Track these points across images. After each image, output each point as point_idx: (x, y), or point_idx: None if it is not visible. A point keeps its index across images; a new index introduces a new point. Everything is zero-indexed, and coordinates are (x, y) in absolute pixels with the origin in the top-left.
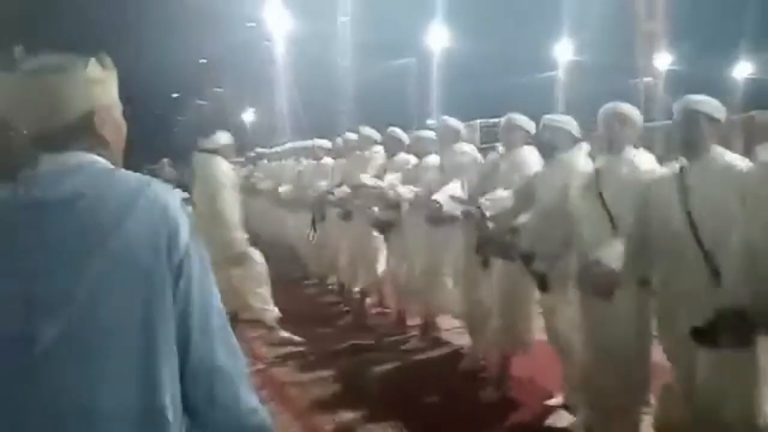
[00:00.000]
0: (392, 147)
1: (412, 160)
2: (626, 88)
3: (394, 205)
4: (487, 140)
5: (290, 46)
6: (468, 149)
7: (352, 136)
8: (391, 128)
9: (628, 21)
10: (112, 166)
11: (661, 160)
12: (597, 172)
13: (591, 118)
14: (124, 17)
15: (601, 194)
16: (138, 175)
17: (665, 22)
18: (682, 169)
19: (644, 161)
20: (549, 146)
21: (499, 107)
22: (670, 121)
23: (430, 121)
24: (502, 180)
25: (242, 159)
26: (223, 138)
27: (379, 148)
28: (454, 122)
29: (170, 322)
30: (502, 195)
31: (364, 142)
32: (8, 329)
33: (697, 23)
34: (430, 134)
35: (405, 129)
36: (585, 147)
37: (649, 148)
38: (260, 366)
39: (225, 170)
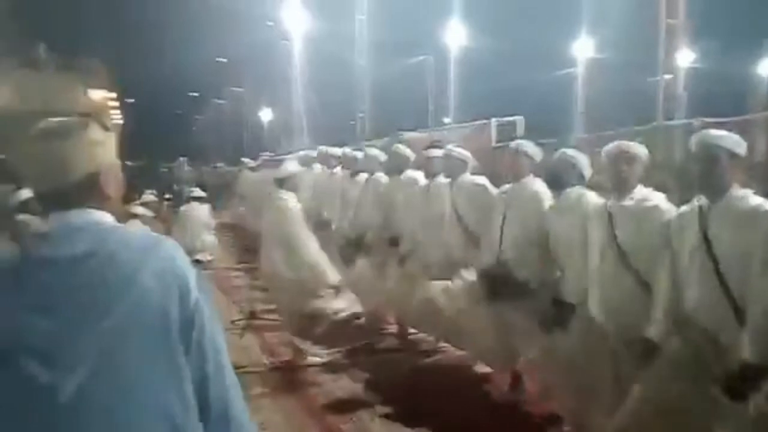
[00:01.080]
0: (397, 164)
1: (420, 179)
2: (646, 86)
3: None
4: (501, 139)
5: (308, 44)
6: (481, 181)
7: (358, 154)
8: (396, 146)
9: (649, 17)
10: (118, 224)
11: (677, 193)
12: (610, 216)
13: (609, 116)
14: (144, 17)
15: (616, 240)
16: (146, 232)
17: (687, 18)
18: (701, 210)
19: (656, 200)
20: (559, 180)
21: (517, 105)
22: (689, 121)
23: (446, 120)
24: (511, 216)
25: (256, 163)
26: (290, 167)
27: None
28: (462, 153)
29: (187, 373)
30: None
31: (370, 163)
32: (26, 387)
33: (720, 19)
34: (439, 152)
35: (422, 128)
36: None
37: (668, 149)
38: (278, 365)
39: (293, 206)
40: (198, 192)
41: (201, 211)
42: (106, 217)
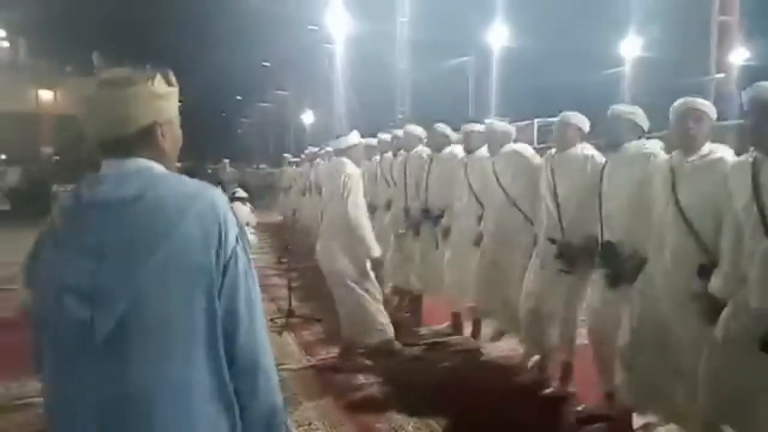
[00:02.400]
0: (437, 143)
1: (459, 152)
2: (696, 85)
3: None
4: (544, 140)
5: (350, 47)
6: (523, 150)
7: (398, 132)
8: (437, 124)
9: (701, 14)
10: (168, 172)
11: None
12: (672, 173)
13: (658, 116)
14: (192, 22)
15: (677, 198)
16: (194, 180)
17: (740, 15)
18: (755, 161)
19: (722, 153)
20: (615, 138)
21: (559, 106)
22: (742, 121)
23: (487, 121)
24: (562, 182)
25: (298, 159)
26: (352, 138)
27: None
28: (504, 125)
29: (219, 317)
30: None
31: (410, 140)
32: (74, 317)
33: None
34: (479, 127)
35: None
36: (658, 143)
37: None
38: (314, 363)
39: (352, 173)
40: (240, 192)
41: (243, 211)
42: (158, 167)
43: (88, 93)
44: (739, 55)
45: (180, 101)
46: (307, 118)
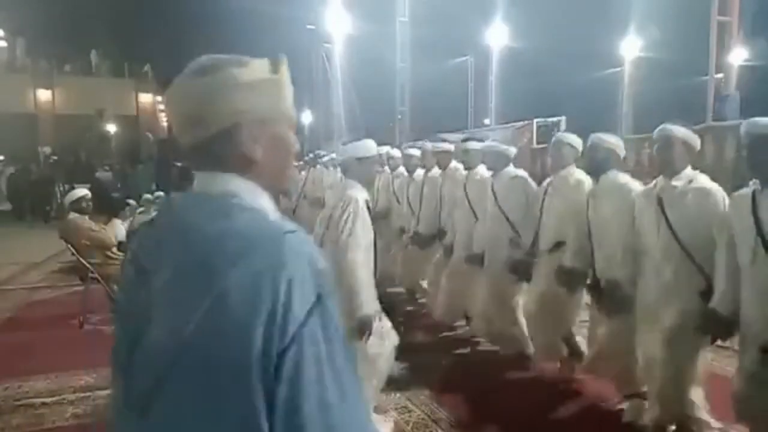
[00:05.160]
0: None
1: (461, 169)
2: (695, 85)
3: None
4: (543, 140)
5: (349, 47)
6: (520, 173)
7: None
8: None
9: (700, 15)
10: (250, 203)
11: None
12: (660, 199)
13: (657, 116)
14: (191, 22)
15: (667, 219)
16: (278, 224)
17: (739, 15)
18: (754, 193)
19: (704, 183)
20: (599, 165)
21: (560, 106)
22: (741, 122)
23: (486, 121)
24: (548, 204)
25: (300, 162)
26: (367, 147)
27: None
28: (505, 147)
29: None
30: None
31: (409, 159)
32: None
33: None
34: (478, 145)
35: (461, 130)
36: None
37: (718, 151)
38: None
39: (357, 208)
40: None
41: None
42: (246, 188)
43: (170, 88)
44: (739, 56)
45: None
46: (306, 117)
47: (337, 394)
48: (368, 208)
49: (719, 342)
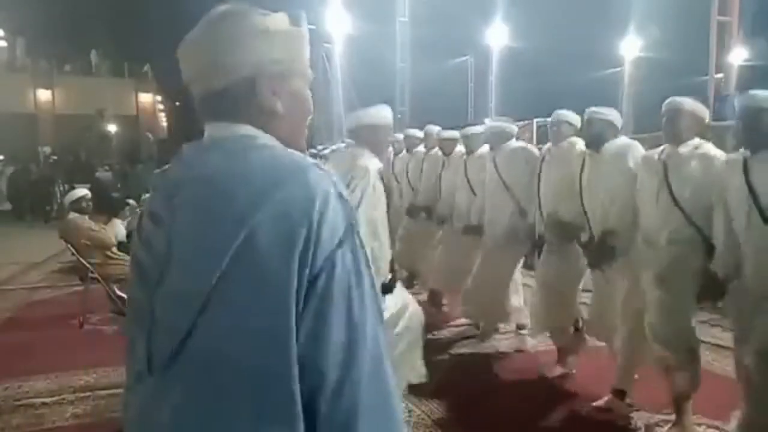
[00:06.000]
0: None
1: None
2: (695, 85)
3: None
4: (543, 140)
5: (349, 47)
6: (521, 144)
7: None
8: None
9: (700, 15)
10: (273, 143)
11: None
12: (664, 163)
13: (657, 116)
14: (190, 22)
15: (669, 185)
16: (295, 156)
17: (739, 16)
18: (745, 160)
19: (710, 150)
20: (597, 138)
21: (560, 106)
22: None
23: (486, 120)
24: (546, 174)
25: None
26: (382, 114)
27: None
28: (505, 124)
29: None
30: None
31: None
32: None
33: None
34: (478, 129)
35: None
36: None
37: (719, 149)
38: None
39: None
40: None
41: None
42: (265, 137)
43: (187, 38)
44: (738, 56)
45: (177, 103)
46: None
47: (361, 315)
48: (381, 178)
49: (719, 342)
